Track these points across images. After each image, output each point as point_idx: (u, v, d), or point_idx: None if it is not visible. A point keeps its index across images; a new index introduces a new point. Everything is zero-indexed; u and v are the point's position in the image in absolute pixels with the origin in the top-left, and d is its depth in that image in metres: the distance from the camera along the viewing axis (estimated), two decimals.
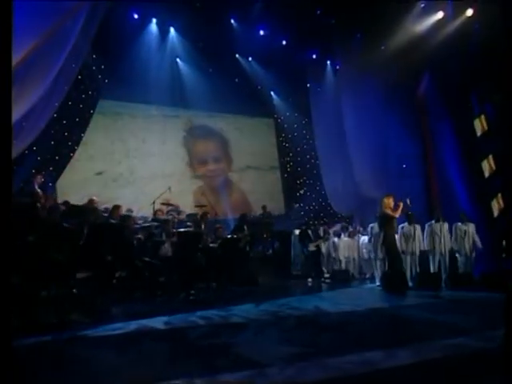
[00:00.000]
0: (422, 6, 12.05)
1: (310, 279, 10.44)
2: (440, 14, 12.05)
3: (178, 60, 14.03)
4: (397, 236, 9.87)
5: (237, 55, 14.34)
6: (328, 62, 14.74)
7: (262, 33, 13.32)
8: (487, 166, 12.33)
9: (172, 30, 13.26)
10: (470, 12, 11.62)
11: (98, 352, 3.53)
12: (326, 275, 10.88)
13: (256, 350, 3.51)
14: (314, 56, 14.54)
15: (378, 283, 9.40)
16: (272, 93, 15.83)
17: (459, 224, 9.53)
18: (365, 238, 11.04)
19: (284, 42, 13.67)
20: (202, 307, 5.74)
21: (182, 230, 7.89)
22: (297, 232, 11.33)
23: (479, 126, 12.67)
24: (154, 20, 12.89)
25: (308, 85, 15.21)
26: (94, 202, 8.14)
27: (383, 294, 8.08)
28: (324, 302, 6.66)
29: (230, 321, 4.78)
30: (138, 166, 13.74)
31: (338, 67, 14.43)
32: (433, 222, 9.52)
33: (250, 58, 14.57)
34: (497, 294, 5.71)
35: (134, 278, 6.66)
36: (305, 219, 11.70)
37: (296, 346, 3.65)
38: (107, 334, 4.02)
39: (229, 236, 9.04)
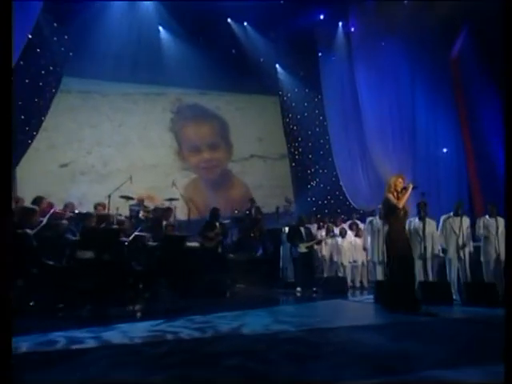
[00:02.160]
0: None
1: (298, 289, 9.26)
2: None
3: (160, 28, 13.22)
4: None
5: (229, 20, 13.30)
6: (340, 24, 13.36)
7: None
8: None
9: None
10: None
11: None
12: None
13: None
14: (322, 16, 13.18)
15: None
16: (277, 65, 14.72)
17: (485, 218, 8.05)
18: None
19: (281, 1, 12.44)
20: (95, 324, 4.82)
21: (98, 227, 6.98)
22: (286, 230, 10.16)
23: None
24: None
25: (320, 54, 13.96)
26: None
27: (365, 309, 6.84)
28: (264, 318, 5.47)
29: (83, 346, 3.76)
30: (114, 155, 12.96)
31: (352, 29, 13.03)
32: (451, 214, 8.10)
33: (245, 23, 13.48)
34: None
35: (29, 286, 5.83)
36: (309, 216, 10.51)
37: None
38: None
39: (177, 234, 8.09)
